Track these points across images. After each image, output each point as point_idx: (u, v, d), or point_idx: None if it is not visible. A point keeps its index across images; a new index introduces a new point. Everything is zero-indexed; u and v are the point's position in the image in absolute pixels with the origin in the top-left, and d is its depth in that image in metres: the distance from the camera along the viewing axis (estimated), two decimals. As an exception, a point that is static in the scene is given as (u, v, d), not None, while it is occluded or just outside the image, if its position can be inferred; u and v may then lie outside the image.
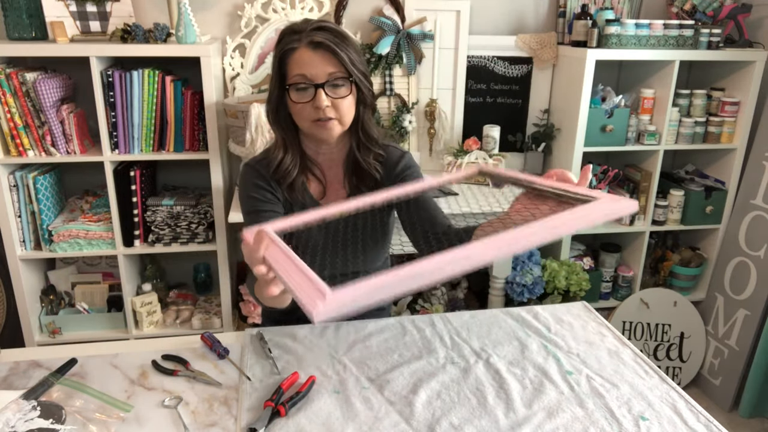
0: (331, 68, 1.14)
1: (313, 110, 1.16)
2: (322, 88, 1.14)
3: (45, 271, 2.34)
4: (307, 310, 0.69)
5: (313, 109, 1.16)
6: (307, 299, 0.70)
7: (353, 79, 1.17)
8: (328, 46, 1.13)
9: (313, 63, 1.14)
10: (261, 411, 1.04)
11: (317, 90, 1.14)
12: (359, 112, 1.24)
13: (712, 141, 2.49)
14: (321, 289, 0.69)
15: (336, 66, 1.15)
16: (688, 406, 1.09)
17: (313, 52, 1.14)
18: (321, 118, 1.17)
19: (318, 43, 1.13)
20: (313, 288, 0.71)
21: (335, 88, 1.16)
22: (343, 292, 0.68)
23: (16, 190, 2.06)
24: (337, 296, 0.68)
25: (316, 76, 1.14)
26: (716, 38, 2.33)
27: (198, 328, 2.30)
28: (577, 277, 2.32)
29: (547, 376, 1.16)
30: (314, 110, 1.16)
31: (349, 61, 1.15)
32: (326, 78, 1.15)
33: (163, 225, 2.18)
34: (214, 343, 1.25)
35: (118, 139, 2.05)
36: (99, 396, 1.09)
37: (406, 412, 1.05)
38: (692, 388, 2.66)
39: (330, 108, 1.16)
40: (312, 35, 1.14)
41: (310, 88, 1.15)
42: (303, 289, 0.72)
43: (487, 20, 2.48)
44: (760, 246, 2.38)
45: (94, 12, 2.06)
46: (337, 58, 1.14)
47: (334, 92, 1.16)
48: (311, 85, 1.15)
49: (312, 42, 1.14)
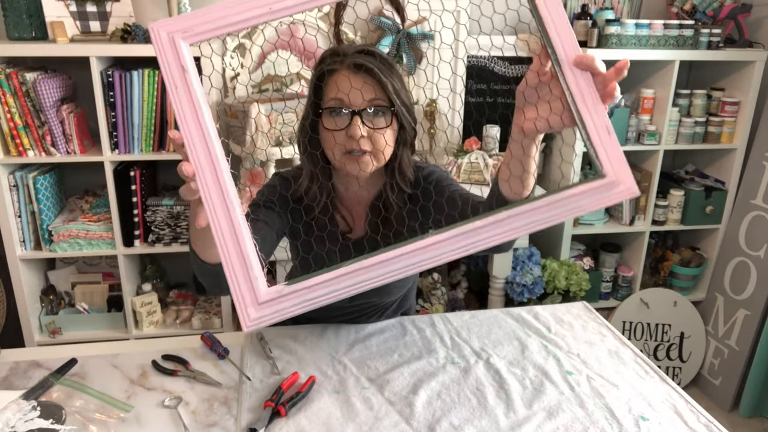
0: (372, 94, 1.03)
1: (347, 140, 1.03)
2: (359, 115, 1.02)
3: (45, 271, 2.34)
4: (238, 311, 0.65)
5: (347, 139, 1.03)
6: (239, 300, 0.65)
7: (395, 109, 1.05)
8: (370, 69, 1.02)
9: (353, 85, 1.02)
10: (261, 411, 1.04)
11: (353, 117, 1.02)
12: (397, 149, 1.11)
13: (712, 141, 2.49)
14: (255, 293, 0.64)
15: (377, 93, 1.04)
16: (688, 406, 1.09)
17: (354, 75, 1.03)
18: (354, 150, 1.04)
19: (360, 66, 1.03)
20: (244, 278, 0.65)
21: (374, 116, 1.04)
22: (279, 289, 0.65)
23: (16, 190, 2.06)
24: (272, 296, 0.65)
25: (354, 102, 1.03)
26: (716, 38, 2.33)
27: (198, 328, 2.30)
28: (577, 277, 2.31)
29: (547, 376, 1.16)
30: (347, 140, 1.03)
31: (393, 89, 1.04)
32: (365, 105, 1.03)
33: (163, 225, 2.18)
34: (214, 343, 1.25)
35: (118, 139, 2.05)
36: (99, 396, 1.09)
37: (406, 412, 1.05)
38: (692, 388, 2.65)
39: (365, 140, 1.03)
40: (355, 57, 1.03)
41: (346, 115, 1.03)
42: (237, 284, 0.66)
43: (487, 20, 2.48)
44: (760, 246, 2.38)
45: (94, 12, 2.06)
46: (380, 84, 1.03)
47: (371, 121, 1.04)
48: (348, 111, 1.03)
49: (354, 64, 1.03)
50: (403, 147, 1.12)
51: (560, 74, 0.69)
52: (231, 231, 0.66)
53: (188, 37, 0.69)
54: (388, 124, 1.05)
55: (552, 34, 0.70)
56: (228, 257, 0.66)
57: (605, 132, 0.68)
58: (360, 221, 1.22)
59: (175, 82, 0.69)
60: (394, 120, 1.07)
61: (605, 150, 0.67)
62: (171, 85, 0.69)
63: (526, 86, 0.76)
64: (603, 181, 0.68)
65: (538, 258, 2.35)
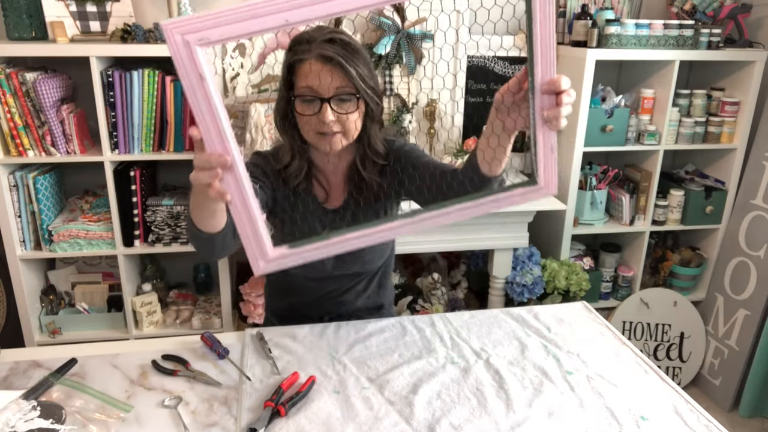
0: (339, 83, 1.11)
1: (318, 123, 1.14)
2: (328, 103, 1.12)
3: (45, 271, 2.34)
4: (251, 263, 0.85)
5: (318, 122, 1.14)
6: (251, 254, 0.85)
7: (360, 95, 1.14)
8: (337, 61, 1.10)
9: (321, 76, 1.10)
10: (261, 411, 1.04)
11: (323, 104, 1.12)
12: (366, 126, 1.22)
13: (712, 141, 2.49)
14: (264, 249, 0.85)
15: (344, 81, 1.12)
16: (688, 406, 1.10)
17: (322, 65, 1.10)
18: (325, 132, 1.15)
19: (327, 58, 1.10)
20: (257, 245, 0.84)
21: (342, 102, 1.13)
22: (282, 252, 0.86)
23: (16, 190, 2.06)
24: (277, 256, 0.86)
25: (323, 90, 1.11)
26: (716, 38, 2.33)
27: (198, 328, 2.30)
28: (577, 277, 2.32)
29: (547, 376, 1.16)
30: (319, 123, 1.14)
31: (358, 76, 1.12)
32: (333, 92, 1.12)
33: (163, 225, 2.18)
34: (214, 343, 1.25)
35: (118, 139, 2.05)
36: (99, 396, 1.09)
37: (406, 412, 1.05)
38: (692, 388, 2.66)
39: (335, 122, 1.14)
40: (322, 48, 1.10)
41: (316, 101, 1.12)
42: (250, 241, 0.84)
43: (487, 20, 2.48)
44: (760, 246, 2.38)
45: (94, 12, 2.06)
46: (346, 74, 1.11)
47: (340, 107, 1.14)
48: (317, 98, 1.12)
49: (321, 55, 1.10)
50: (371, 123, 1.22)
51: (531, 97, 0.83)
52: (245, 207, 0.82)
53: (204, 45, 0.72)
54: (355, 108, 1.15)
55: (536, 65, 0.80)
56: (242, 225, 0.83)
57: (549, 150, 0.86)
58: (337, 191, 1.32)
59: (193, 88, 0.74)
60: (361, 102, 1.16)
61: (544, 165, 0.87)
62: (189, 89, 0.74)
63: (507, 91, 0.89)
64: (534, 187, 0.89)
65: (538, 258, 2.35)
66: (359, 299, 1.43)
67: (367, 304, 1.45)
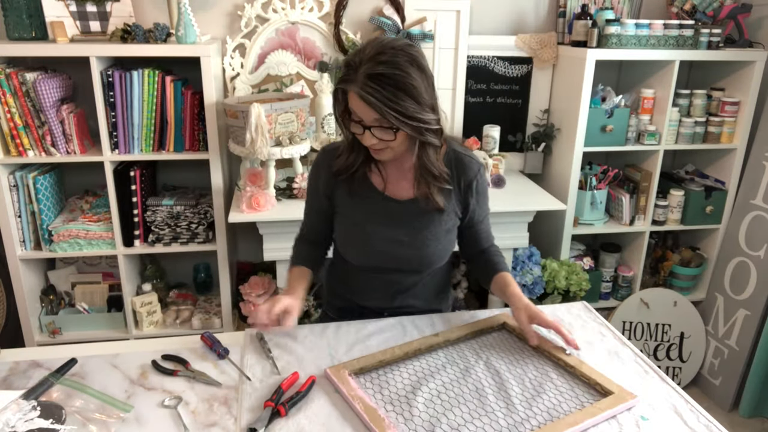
0: (377, 115, 1.15)
1: (363, 140, 1.21)
2: (369, 130, 1.18)
3: (45, 271, 2.34)
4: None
5: (362, 140, 1.21)
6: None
7: (396, 129, 1.17)
8: (371, 101, 1.12)
9: (360, 109, 1.16)
10: (261, 411, 1.04)
11: (365, 130, 1.18)
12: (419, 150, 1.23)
13: (712, 141, 2.49)
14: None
15: (379, 117, 1.15)
16: (688, 406, 1.10)
17: (359, 100, 1.14)
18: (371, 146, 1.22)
19: (363, 96, 1.13)
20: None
21: (381, 131, 1.18)
22: None
23: (16, 190, 2.06)
24: None
25: (364, 120, 1.17)
26: (716, 38, 2.33)
27: (198, 328, 2.30)
28: (577, 277, 2.31)
29: (547, 376, 1.16)
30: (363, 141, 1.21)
31: (396, 113, 1.13)
32: (372, 123, 1.17)
33: (163, 225, 2.18)
34: (214, 343, 1.25)
35: (118, 139, 2.05)
36: (99, 396, 1.09)
37: (406, 412, 1.05)
38: (692, 388, 2.65)
39: (379, 143, 1.20)
40: (364, 84, 1.12)
41: (360, 126, 1.19)
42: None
43: (487, 20, 2.48)
44: (760, 246, 2.38)
45: (94, 12, 2.06)
46: (381, 113, 1.13)
47: (381, 134, 1.18)
48: (361, 124, 1.18)
49: (359, 93, 1.13)
50: (422, 146, 1.23)
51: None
52: None
53: None
54: (394, 138, 1.19)
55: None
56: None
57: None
58: (396, 181, 1.34)
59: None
60: (401, 131, 1.17)
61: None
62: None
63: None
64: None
65: (538, 258, 2.35)
66: (417, 299, 1.44)
67: (424, 306, 1.45)
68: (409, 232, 1.32)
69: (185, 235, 2.21)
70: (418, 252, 1.33)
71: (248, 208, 2.01)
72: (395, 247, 1.32)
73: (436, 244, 1.33)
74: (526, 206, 2.18)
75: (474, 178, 1.34)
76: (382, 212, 1.33)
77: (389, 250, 1.33)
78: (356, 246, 1.37)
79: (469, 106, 2.53)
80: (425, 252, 1.33)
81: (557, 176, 2.50)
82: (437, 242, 1.34)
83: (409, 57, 1.14)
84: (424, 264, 1.36)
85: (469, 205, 1.36)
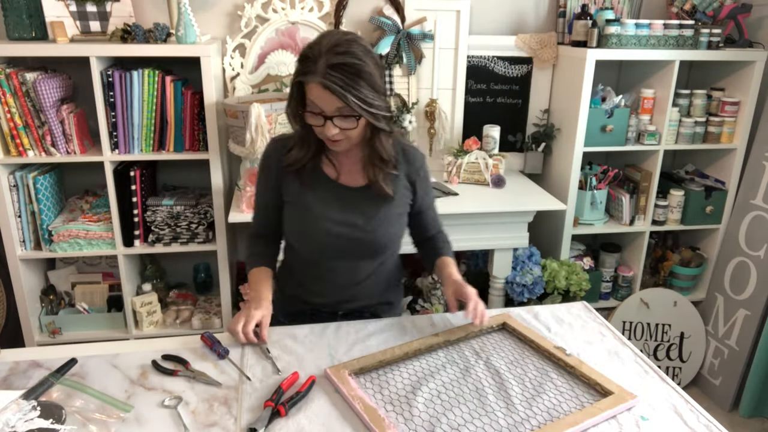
0: (340, 103, 1.18)
1: (323, 131, 1.23)
2: (330, 120, 1.21)
3: (45, 271, 2.34)
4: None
5: (323, 131, 1.23)
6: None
7: (358, 116, 1.21)
8: (335, 90, 1.16)
9: (323, 99, 1.18)
10: (261, 411, 1.04)
11: (326, 120, 1.21)
12: (372, 133, 1.28)
13: (712, 141, 2.49)
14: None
15: (342, 105, 1.18)
16: (688, 406, 1.10)
17: (323, 90, 1.17)
18: (330, 138, 1.24)
19: (327, 86, 1.16)
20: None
21: (344, 119, 1.21)
22: None
23: (16, 190, 2.06)
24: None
25: (326, 110, 1.20)
26: (716, 38, 2.33)
27: (198, 328, 2.30)
28: (577, 277, 2.31)
29: (547, 376, 1.16)
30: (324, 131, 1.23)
31: (358, 100, 1.18)
32: (334, 112, 1.20)
33: (163, 225, 2.18)
34: (214, 343, 1.25)
35: (118, 139, 2.05)
36: (99, 396, 1.09)
37: (406, 412, 1.05)
38: (692, 388, 2.65)
39: (339, 133, 1.23)
40: (325, 74, 1.16)
41: (320, 117, 1.21)
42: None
43: (487, 20, 2.48)
44: (760, 246, 2.38)
45: (94, 12, 2.06)
46: (345, 100, 1.17)
47: (342, 123, 1.21)
48: (321, 115, 1.21)
49: (322, 83, 1.16)
50: (377, 132, 1.29)
51: None
52: None
53: None
54: (356, 125, 1.23)
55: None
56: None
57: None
58: (351, 170, 1.37)
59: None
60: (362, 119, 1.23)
61: None
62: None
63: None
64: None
65: (538, 258, 2.35)
66: (370, 291, 1.45)
67: (378, 299, 1.47)
68: (362, 216, 1.35)
69: (185, 235, 2.21)
70: (371, 235, 1.35)
71: (248, 208, 2.01)
72: (349, 231, 1.34)
73: (388, 227, 1.37)
74: (526, 206, 2.18)
75: (420, 166, 1.41)
76: (335, 198, 1.35)
77: (342, 233, 1.34)
78: (309, 232, 1.36)
79: (469, 106, 2.53)
80: (378, 235, 1.35)
81: (557, 176, 2.50)
82: (389, 225, 1.37)
83: (363, 48, 1.20)
84: (378, 247, 1.38)
85: (417, 191, 1.41)
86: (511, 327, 1.33)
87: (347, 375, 1.12)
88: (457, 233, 2.16)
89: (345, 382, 1.10)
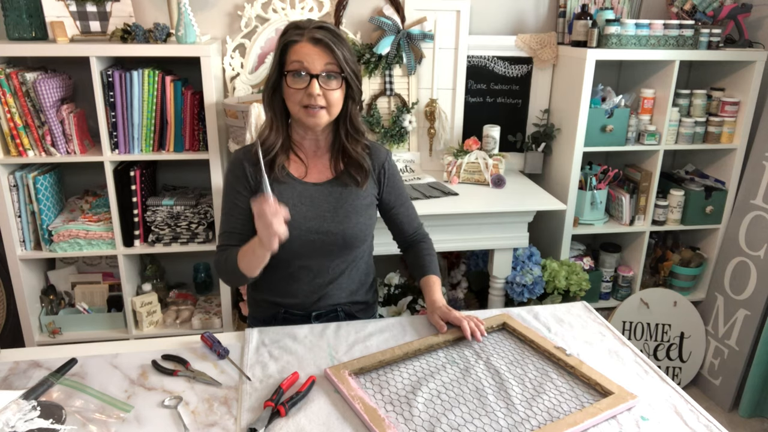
0: (327, 61, 1.27)
1: (306, 96, 1.28)
2: (316, 78, 1.27)
3: (45, 271, 2.34)
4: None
5: (306, 96, 1.28)
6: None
7: (345, 75, 1.30)
8: (327, 43, 1.27)
9: (311, 55, 1.27)
10: (261, 411, 1.04)
11: (312, 79, 1.27)
12: (347, 106, 1.36)
13: (712, 141, 2.49)
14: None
15: (331, 61, 1.28)
16: (688, 406, 1.10)
17: (313, 46, 1.27)
18: (311, 105, 1.29)
19: (318, 39, 1.27)
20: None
21: (328, 79, 1.29)
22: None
23: (16, 190, 2.06)
24: None
25: (313, 67, 1.27)
26: (716, 38, 2.33)
27: (198, 328, 2.30)
28: (577, 277, 2.31)
29: (547, 376, 1.16)
30: (306, 96, 1.28)
31: (344, 58, 1.29)
32: (321, 70, 1.27)
33: (163, 225, 2.18)
34: (214, 343, 1.25)
35: (118, 139, 2.05)
36: (99, 396, 1.09)
37: (407, 412, 1.05)
38: (692, 388, 2.66)
39: (321, 97, 1.28)
40: (314, 32, 1.27)
41: (306, 77, 1.27)
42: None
43: (487, 20, 2.48)
44: (760, 246, 2.38)
45: (94, 12, 2.06)
46: (333, 55, 1.27)
47: (326, 83, 1.29)
48: (307, 74, 1.27)
49: (313, 38, 1.27)
50: (352, 103, 1.36)
51: None
52: None
53: None
54: (339, 86, 1.30)
55: None
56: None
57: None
58: (317, 166, 1.43)
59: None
60: (344, 82, 1.31)
61: None
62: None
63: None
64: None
65: (538, 258, 2.35)
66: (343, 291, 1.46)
67: (350, 298, 1.49)
68: (331, 208, 1.39)
69: (185, 235, 2.21)
70: (340, 226, 1.38)
71: (248, 208, 2.01)
72: (317, 224, 1.37)
73: (357, 217, 1.40)
74: (526, 206, 2.18)
75: (384, 160, 1.47)
76: (304, 195, 1.39)
77: (312, 227, 1.36)
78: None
79: (469, 106, 2.53)
80: (347, 225, 1.38)
81: (557, 176, 2.50)
82: (358, 215, 1.40)
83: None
84: (347, 239, 1.39)
85: (382, 184, 1.46)
86: (511, 327, 1.33)
87: (347, 375, 1.12)
88: (457, 233, 2.17)
89: (345, 382, 1.10)
